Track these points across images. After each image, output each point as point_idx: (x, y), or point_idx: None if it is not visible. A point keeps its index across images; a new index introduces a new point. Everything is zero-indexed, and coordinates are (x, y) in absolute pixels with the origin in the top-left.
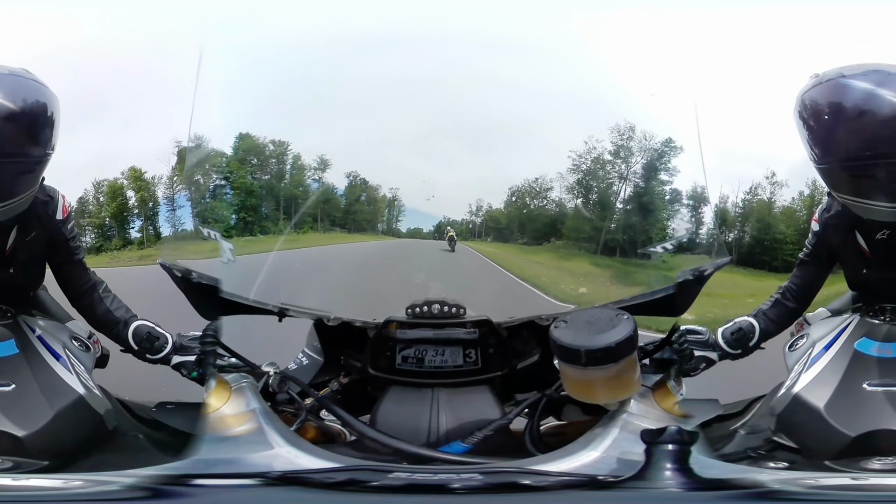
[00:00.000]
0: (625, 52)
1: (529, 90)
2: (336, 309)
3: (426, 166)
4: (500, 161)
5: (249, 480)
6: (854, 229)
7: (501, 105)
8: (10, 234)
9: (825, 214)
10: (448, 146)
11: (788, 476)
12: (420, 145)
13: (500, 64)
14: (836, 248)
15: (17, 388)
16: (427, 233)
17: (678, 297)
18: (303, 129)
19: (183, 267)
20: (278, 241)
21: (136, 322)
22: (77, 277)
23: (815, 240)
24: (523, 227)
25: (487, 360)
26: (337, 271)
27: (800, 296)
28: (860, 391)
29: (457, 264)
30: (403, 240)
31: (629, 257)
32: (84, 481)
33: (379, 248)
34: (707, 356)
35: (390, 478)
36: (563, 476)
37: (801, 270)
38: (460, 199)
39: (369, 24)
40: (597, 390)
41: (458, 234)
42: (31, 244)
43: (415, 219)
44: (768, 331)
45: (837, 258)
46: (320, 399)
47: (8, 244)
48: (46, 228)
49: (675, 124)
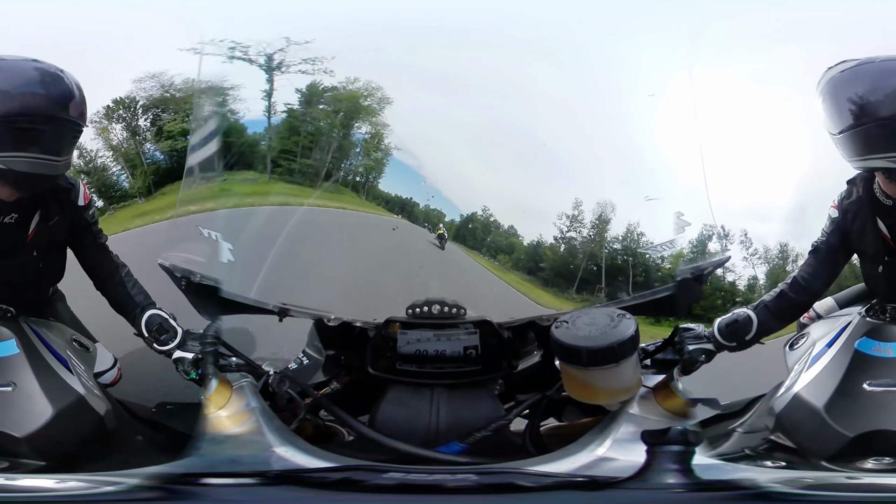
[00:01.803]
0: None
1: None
2: (334, 306)
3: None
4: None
5: (248, 479)
6: (875, 216)
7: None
8: (32, 219)
9: (845, 201)
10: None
11: (788, 476)
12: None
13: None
14: (855, 237)
15: (17, 389)
16: (418, 207)
17: (679, 296)
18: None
19: (183, 268)
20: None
21: (151, 311)
22: (101, 261)
23: (833, 227)
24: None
25: (487, 361)
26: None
27: (808, 287)
28: (860, 391)
29: (450, 265)
30: (391, 218)
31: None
32: (84, 481)
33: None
34: (704, 348)
35: (385, 477)
36: (560, 477)
37: (813, 259)
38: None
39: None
40: (598, 391)
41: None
42: (52, 230)
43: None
44: (768, 324)
45: (855, 248)
46: (319, 399)
47: (30, 229)
48: (68, 215)
49: (676, 124)
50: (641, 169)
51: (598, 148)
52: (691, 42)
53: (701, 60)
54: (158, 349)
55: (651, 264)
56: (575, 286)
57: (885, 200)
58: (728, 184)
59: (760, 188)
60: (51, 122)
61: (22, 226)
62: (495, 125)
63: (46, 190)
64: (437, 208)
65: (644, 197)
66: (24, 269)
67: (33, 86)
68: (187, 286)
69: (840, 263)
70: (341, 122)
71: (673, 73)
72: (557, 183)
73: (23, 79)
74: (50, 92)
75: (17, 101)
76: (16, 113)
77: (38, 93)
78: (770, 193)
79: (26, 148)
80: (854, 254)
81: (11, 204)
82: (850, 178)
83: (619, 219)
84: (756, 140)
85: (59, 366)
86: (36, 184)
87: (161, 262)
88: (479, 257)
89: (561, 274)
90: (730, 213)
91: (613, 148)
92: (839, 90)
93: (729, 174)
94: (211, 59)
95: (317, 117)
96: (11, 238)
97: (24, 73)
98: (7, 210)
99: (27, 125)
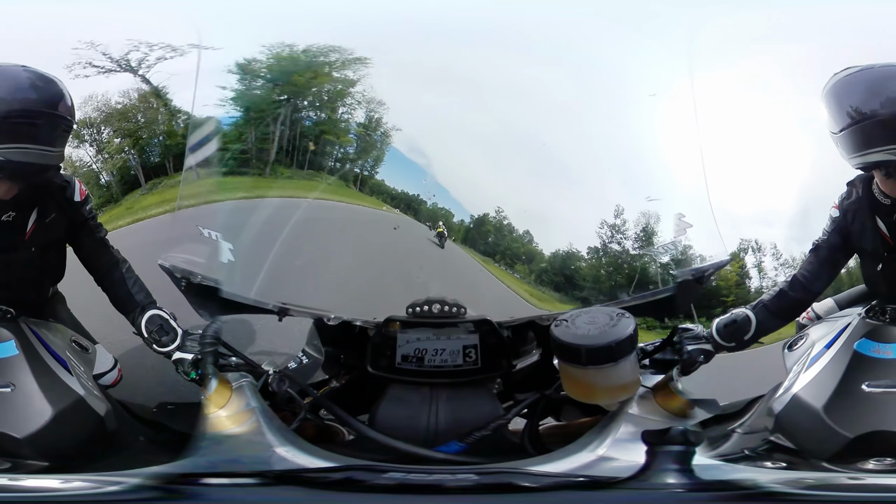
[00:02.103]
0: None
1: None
2: (335, 306)
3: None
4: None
5: (249, 480)
6: (874, 215)
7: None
8: (29, 217)
9: (845, 201)
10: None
11: (787, 477)
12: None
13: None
14: (855, 236)
15: (16, 390)
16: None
17: (679, 297)
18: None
19: (183, 268)
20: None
21: (152, 311)
22: (101, 256)
23: (833, 226)
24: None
25: (487, 360)
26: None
27: (808, 286)
28: (859, 392)
29: (449, 264)
30: (391, 214)
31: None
32: (84, 482)
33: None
34: (703, 348)
35: (385, 477)
36: (559, 477)
37: (814, 257)
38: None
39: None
40: (596, 390)
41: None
42: (49, 227)
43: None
44: (767, 323)
45: (855, 247)
46: (319, 398)
47: (28, 227)
48: (65, 211)
49: (678, 124)
50: (644, 170)
51: (599, 148)
52: (692, 41)
53: (700, 60)
54: (158, 350)
55: (652, 267)
56: (578, 288)
57: (883, 200)
58: (730, 184)
59: (762, 189)
60: (42, 116)
61: (20, 224)
62: (498, 124)
63: (43, 187)
64: (435, 204)
65: (646, 197)
66: (23, 267)
67: (27, 87)
68: (187, 286)
69: (840, 263)
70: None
71: (674, 73)
72: (558, 184)
73: (16, 81)
74: (41, 92)
75: (13, 100)
76: (12, 110)
77: (31, 92)
78: (771, 194)
79: (22, 140)
80: (854, 254)
81: (8, 202)
82: (849, 180)
83: (622, 218)
84: (756, 140)
85: (59, 367)
86: (32, 175)
87: (161, 262)
88: (475, 255)
89: (563, 275)
90: (730, 214)
91: (614, 148)
92: (841, 93)
93: (732, 175)
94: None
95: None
96: (9, 236)
97: (18, 76)
98: (4, 208)
99: (22, 120)
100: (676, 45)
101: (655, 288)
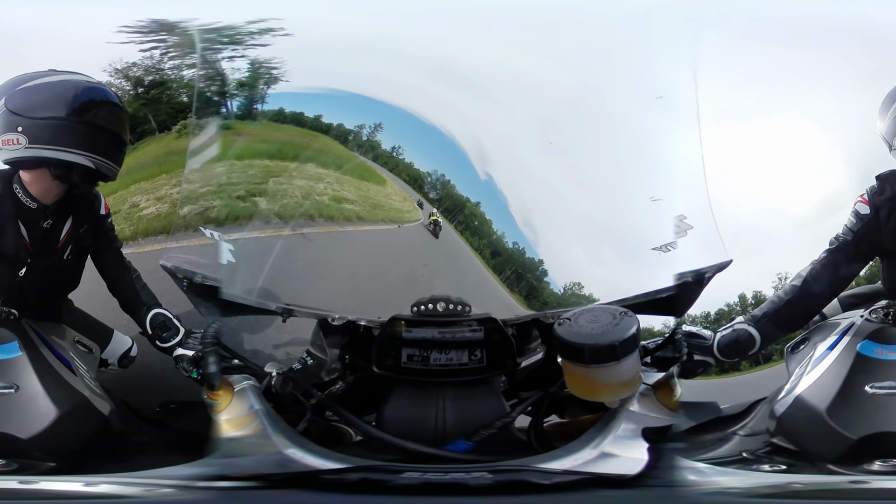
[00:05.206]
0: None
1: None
2: (340, 305)
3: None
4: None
5: (261, 482)
6: None
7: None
8: (64, 226)
9: (877, 197)
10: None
11: (789, 479)
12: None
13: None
14: (886, 237)
15: (20, 391)
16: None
17: (679, 297)
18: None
19: (185, 269)
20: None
21: (156, 310)
22: (116, 265)
23: (860, 224)
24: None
25: (492, 358)
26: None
27: (820, 294)
28: (862, 394)
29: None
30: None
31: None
32: (88, 484)
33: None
34: (705, 360)
35: (403, 478)
36: (570, 474)
37: (830, 260)
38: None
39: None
40: (599, 388)
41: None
42: (81, 237)
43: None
44: (773, 337)
45: (889, 246)
46: (324, 399)
47: (62, 234)
48: (94, 223)
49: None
50: (646, 170)
51: (603, 148)
52: (695, 41)
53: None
54: (160, 346)
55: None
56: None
57: None
58: (732, 186)
59: (762, 189)
60: (118, 136)
61: (55, 232)
62: (500, 124)
63: (79, 198)
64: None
65: (650, 198)
66: (53, 273)
67: (112, 105)
68: (189, 287)
69: (864, 262)
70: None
71: (679, 74)
72: (565, 182)
73: (104, 97)
74: (120, 113)
75: (104, 115)
76: (100, 125)
77: (115, 112)
78: (771, 194)
79: (100, 152)
80: (876, 255)
81: (49, 210)
82: (879, 174)
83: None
84: (758, 140)
85: (63, 367)
86: (90, 184)
87: (163, 262)
88: (472, 250)
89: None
90: (731, 215)
91: (616, 148)
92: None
93: (732, 176)
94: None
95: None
96: (46, 243)
97: (106, 94)
98: (46, 216)
99: (105, 135)
100: (681, 47)
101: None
